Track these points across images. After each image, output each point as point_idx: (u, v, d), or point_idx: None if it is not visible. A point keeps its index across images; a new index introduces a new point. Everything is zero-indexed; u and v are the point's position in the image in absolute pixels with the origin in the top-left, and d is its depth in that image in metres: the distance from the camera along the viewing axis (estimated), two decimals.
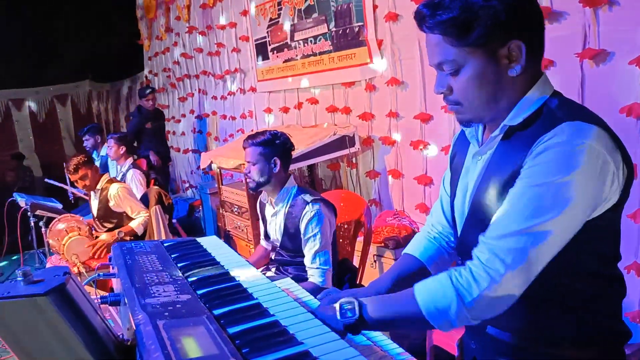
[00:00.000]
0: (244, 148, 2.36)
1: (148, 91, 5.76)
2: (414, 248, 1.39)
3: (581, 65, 2.28)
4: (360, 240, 2.79)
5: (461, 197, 1.20)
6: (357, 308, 1.05)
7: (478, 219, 1.11)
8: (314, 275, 2.21)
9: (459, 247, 1.24)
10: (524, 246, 0.94)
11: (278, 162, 2.30)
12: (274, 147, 2.31)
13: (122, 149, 4.70)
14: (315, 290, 2.16)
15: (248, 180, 2.35)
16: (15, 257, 4.21)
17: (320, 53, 3.96)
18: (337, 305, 1.07)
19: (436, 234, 1.40)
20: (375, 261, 3.07)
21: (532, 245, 0.94)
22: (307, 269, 2.24)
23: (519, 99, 1.05)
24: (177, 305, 1.03)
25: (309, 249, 2.22)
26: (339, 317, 1.05)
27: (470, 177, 1.17)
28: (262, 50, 4.76)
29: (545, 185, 0.94)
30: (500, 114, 1.07)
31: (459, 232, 1.22)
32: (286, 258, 2.38)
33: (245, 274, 1.28)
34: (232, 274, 1.27)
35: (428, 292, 1.01)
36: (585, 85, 2.27)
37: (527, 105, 1.04)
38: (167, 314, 0.97)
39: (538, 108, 1.03)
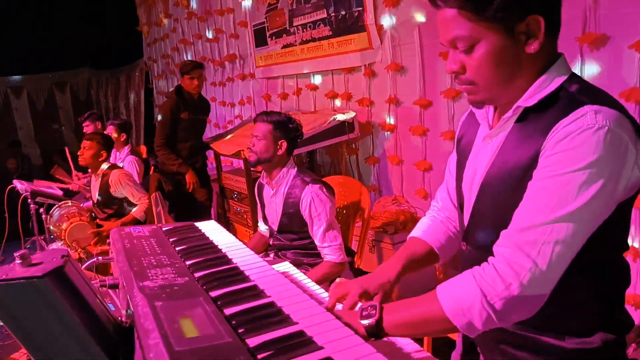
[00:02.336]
0: (255, 122, 2.36)
1: (192, 67, 3.98)
2: (421, 231, 1.35)
3: (581, 50, 2.27)
4: (358, 225, 2.80)
5: (469, 181, 1.16)
6: (378, 312, 1.01)
7: (487, 204, 1.08)
8: (328, 254, 2.23)
9: (466, 232, 1.18)
10: (549, 239, 0.90)
11: (284, 145, 2.30)
12: (285, 130, 2.31)
13: (123, 137, 4.69)
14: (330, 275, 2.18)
15: (249, 154, 2.34)
16: (16, 244, 4.25)
17: (320, 38, 3.94)
18: (358, 309, 1.04)
19: (442, 218, 1.37)
20: (373, 246, 3.08)
21: (558, 237, 0.90)
22: (319, 249, 2.25)
23: (535, 79, 1.00)
24: (175, 288, 1.04)
25: (317, 230, 2.23)
26: (359, 320, 1.01)
27: (480, 160, 1.13)
28: (260, 36, 4.73)
29: (569, 174, 0.90)
30: (515, 95, 1.02)
31: (466, 216, 1.18)
32: (284, 242, 2.39)
33: (243, 257, 1.29)
34: (230, 257, 1.28)
35: (450, 291, 0.96)
36: (585, 70, 2.27)
37: (544, 86, 1.00)
38: (164, 296, 0.99)
39: (555, 90, 0.99)
